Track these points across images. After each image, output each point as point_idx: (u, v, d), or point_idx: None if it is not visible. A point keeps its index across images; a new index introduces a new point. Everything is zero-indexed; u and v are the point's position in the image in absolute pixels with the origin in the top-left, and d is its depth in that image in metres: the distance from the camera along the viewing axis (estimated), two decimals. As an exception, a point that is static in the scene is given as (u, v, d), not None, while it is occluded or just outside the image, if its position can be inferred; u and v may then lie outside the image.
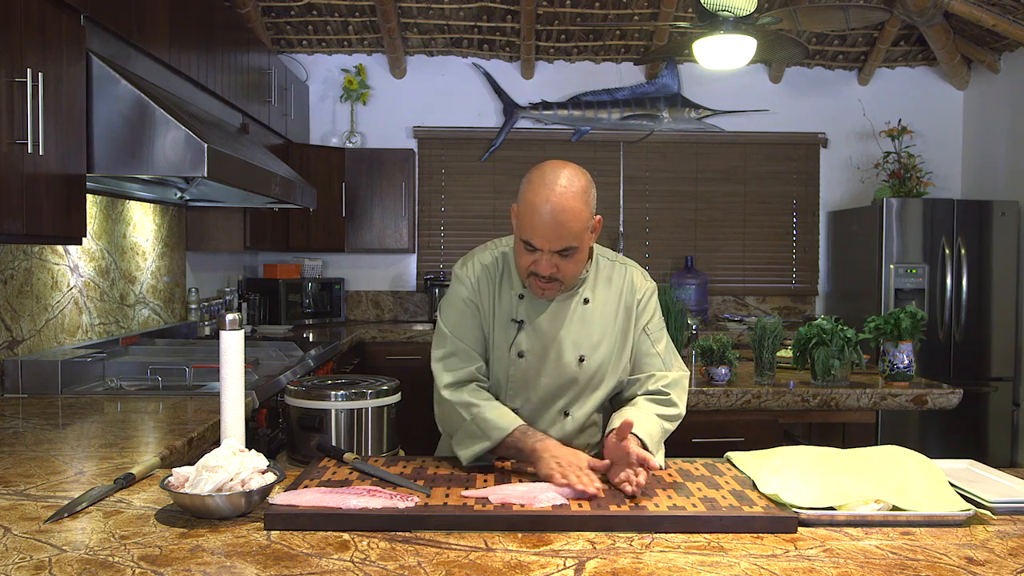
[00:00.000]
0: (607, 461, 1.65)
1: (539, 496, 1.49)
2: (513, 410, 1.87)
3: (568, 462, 1.64)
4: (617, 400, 1.97)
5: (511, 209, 1.83)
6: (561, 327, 1.87)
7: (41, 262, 2.83)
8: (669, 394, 1.89)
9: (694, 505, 1.47)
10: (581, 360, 1.87)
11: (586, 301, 1.89)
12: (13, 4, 2.08)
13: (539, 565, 1.23)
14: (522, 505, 1.46)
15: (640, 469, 1.57)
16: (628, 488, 1.55)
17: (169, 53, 3.02)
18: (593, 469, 1.64)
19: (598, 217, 1.81)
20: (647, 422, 1.78)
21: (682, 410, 1.90)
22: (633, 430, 1.69)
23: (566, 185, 1.71)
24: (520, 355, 1.86)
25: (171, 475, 1.45)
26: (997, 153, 5.34)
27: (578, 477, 1.58)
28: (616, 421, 1.77)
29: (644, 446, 1.70)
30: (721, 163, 5.73)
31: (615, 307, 1.91)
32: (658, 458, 1.77)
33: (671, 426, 1.87)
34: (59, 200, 2.29)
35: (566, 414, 1.90)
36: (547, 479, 1.62)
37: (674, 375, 1.93)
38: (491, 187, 5.65)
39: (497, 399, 1.89)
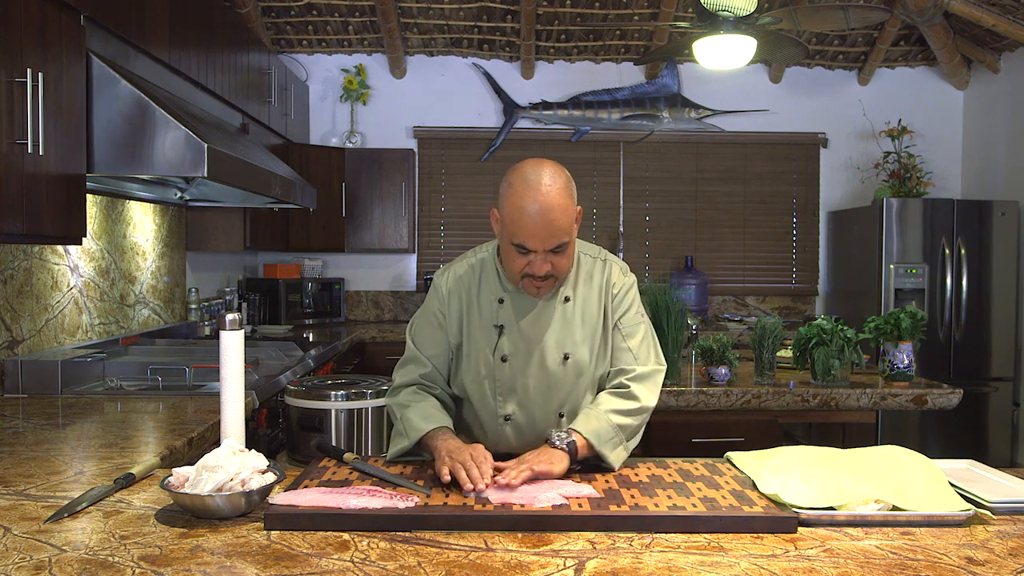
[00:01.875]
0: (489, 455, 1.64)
1: (539, 496, 1.49)
2: (506, 416, 1.89)
3: (463, 458, 1.59)
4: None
5: (491, 214, 1.83)
6: (543, 328, 1.87)
7: (41, 262, 2.83)
8: (629, 387, 1.85)
9: (694, 505, 1.47)
10: (566, 358, 1.87)
11: (567, 300, 1.89)
12: (13, 4, 2.08)
13: (539, 565, 1.23)
14: (522, 505, 1.46)
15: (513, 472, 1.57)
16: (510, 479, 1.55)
17: (169, 53, 3.02)
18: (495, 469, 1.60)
19: (579, 208, 1.82)
20: (594, 421, 1.77)
21: (645, 402, 1.85)
22: (579, 428, 1.74)
23: (550, 183, 1.72)
24: (503, 359, 1.87)
25: (171, 475, 1.45)
26: (997, 153, 5.34)
27: (468, 473, 1.54)
28: (576, 421, 1.81)
29: (590, 445, 1.73)
30: (721, 163, 5.73)
31: (596, 303, 1.91)
32: (611, 456, 1.75)
33: (630, 420, 1.81)
34: (59, 200, 2.29)
35: (561, 415, 1.90)
36: (438, 474, 1.60)
37: (642, 369, 1.89)
38: (491, 187, 5.65)
39: (483, 408, 1.90)
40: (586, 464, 1.75)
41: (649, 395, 1.87)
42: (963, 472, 1.74)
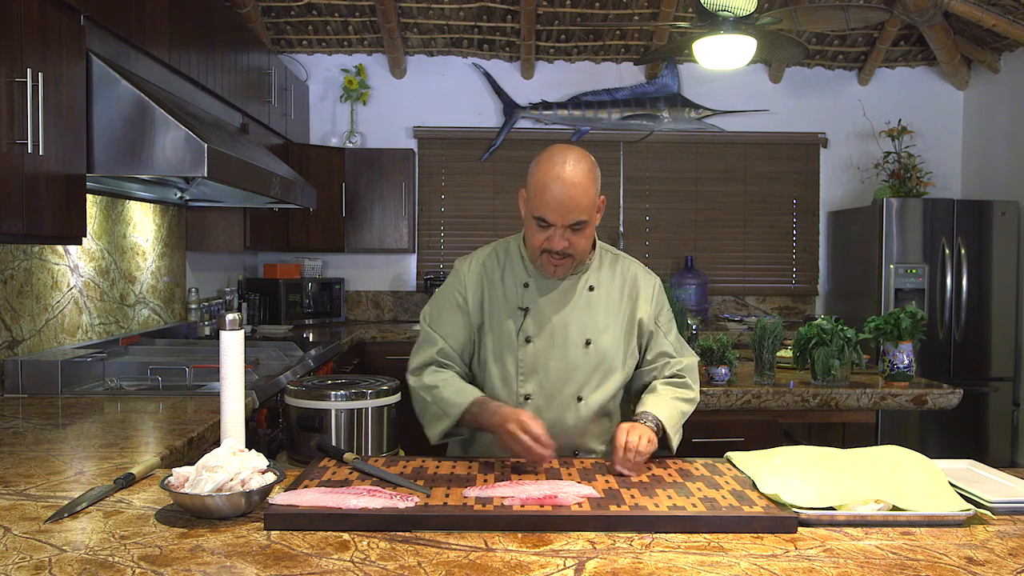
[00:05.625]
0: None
1: (560, 493, 1.48)
2: (526, 396, 1.95)
3: (526, 430, 1.72)
4: (634, 391, 2.06)
5: (519, 195, 1.95)
6: (567, 312, 1.95)
7: (41, 262, 2.83)
8: (685, 377, 2.01)
9: (694, 505, 1.47)
10: (588, 343, 1.94)
11: (591, 288, 1.98)
12: (13, 4, 2.08)
13: (539, 565, 1.23)
14: (540, 505, 1.45)
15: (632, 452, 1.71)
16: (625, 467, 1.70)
17: (169, 53, 3.02)
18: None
19: (603, 197, 1.91)
20: (665, 406, 1.90)
21: (697, 394, 2.03)
22: (652, 411, 1.87)
23: (574, 164, 1.83)
24: (528, 340, 1.94)
25: (171, 475, 1.45)
26: (997, 153, 5.34)
27: (533, 446, 1.69)
28: (639, 408, 1.91)
29: (663, 428, 1.85)
30: (721, 163, 5.73)
31: (619, 296, 2.00)
32: (675, 440, 1.89)
33: (689, 408, 1.98)
34: (59, 200, 2.29)
35: (579, 399, 1.96)
36: (508, 448, 1.74)
37: (687, 361, 2.05)
38: (491, 187, 5.65)
39: (503, 387, 1.96)
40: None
41: (697, 387, 2.05)
42: (963, 472, 1.74)
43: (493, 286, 1.98)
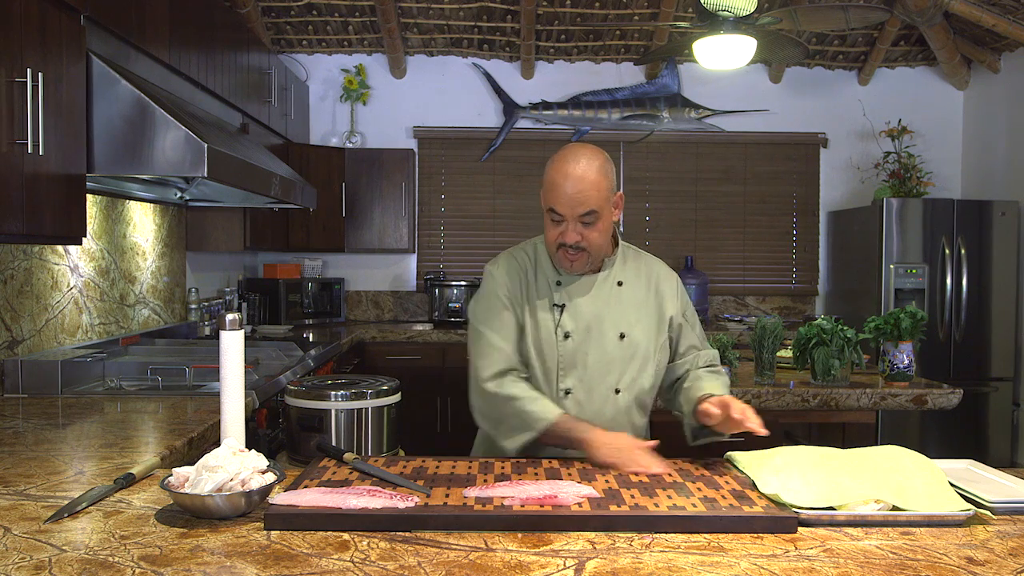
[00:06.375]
0: (655, 441, 1.81)
1: (560, 493, 1.48)
2: (567, 391, 1.99)
3: (627, 446, 1.77)
4: (667, 384, 2.11)
5: (540, 194, 1.99)
6: (600, 307, 2.01)
7: (41, 262, 2.83)
8: (718, 366, 2.11)
9: (694, 505, 1.47)
10: (622, 337, 2.00)
11: (620, 283, 2.04)
12: (13, 4, 2.08)
13: (539, 565, 1.23)
14: (540, 505, 1.45)
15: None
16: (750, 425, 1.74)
17: (169, 53, 3.02)
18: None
19: (619, 193, 1.98)
20: (724, 391, 1.96)
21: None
22: (716, 395, 1.91)
23: (586, 161, 1.92)
24: (566, 335, 1.99)
25: (171, 475, 1.45)
26: (997, 153, 5.34)
27: (646, 463, 1.72)
28: (698, 393, 1.93)
29: None
30: (721, 163, 5.73)
31: (645, 291, 2.06)
32: None
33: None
34: (59, 200, 2.29)
35: (617, 391, 2.01)
36: (611, 467, 1.73)
37: (713, 352, 2.14)
38: (491, 187, 5.65)
39: (544, 382, 2.00)
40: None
41: None
42: (963, 472, 1.74)
43: (528, 284, 2.03)
